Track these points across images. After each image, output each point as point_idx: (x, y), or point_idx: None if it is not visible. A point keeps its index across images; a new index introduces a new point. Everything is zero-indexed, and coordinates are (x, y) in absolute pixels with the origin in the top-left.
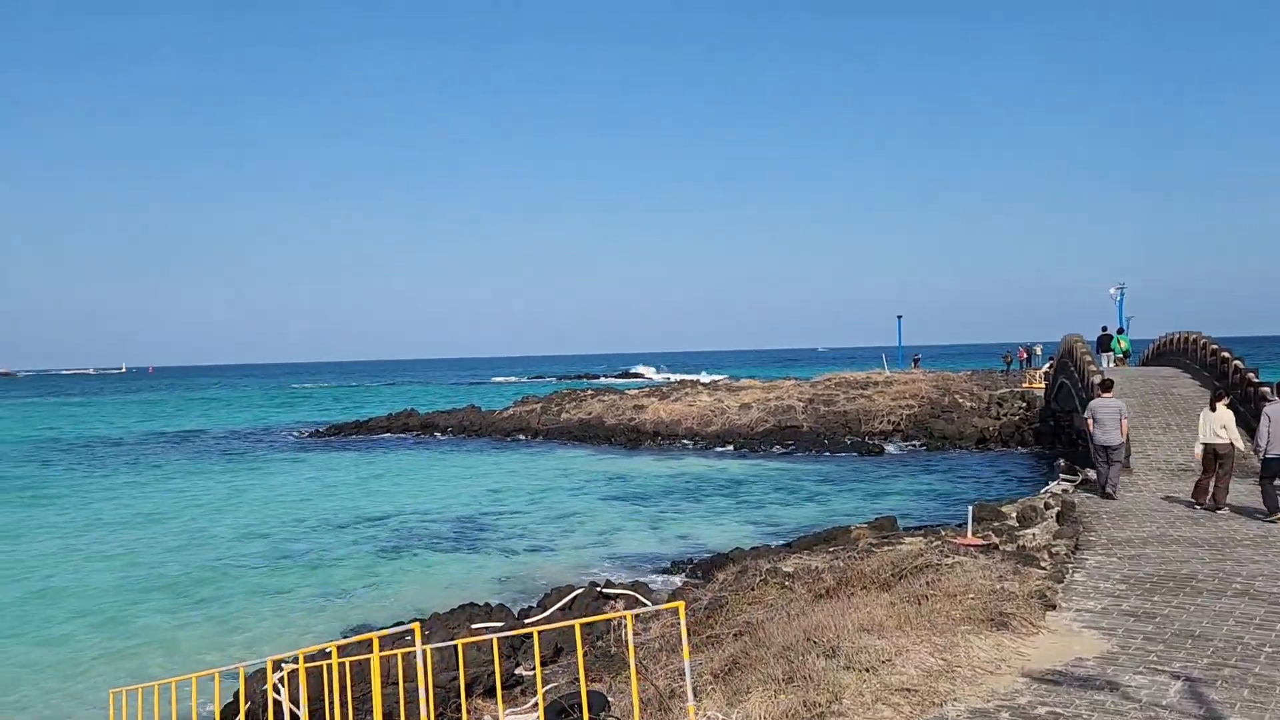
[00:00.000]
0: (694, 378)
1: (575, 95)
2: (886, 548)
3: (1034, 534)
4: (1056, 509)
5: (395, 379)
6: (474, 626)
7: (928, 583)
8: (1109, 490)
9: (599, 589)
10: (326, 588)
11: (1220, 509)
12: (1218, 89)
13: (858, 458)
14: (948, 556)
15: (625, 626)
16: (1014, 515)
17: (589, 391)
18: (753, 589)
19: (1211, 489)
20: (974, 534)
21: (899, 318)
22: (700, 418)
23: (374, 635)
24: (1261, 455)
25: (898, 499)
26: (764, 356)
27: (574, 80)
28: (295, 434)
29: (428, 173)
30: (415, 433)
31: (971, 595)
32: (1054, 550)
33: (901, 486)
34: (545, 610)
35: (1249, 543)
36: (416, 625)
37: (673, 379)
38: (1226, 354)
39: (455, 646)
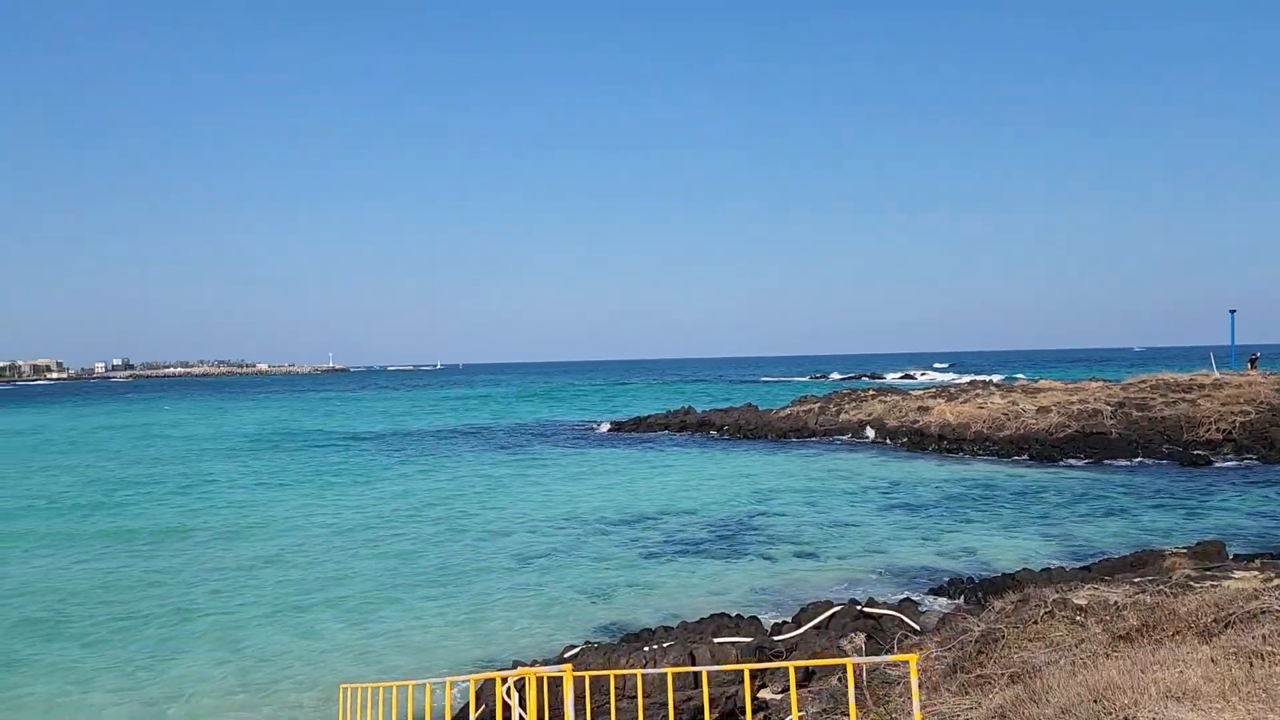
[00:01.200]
0: (985, 378)
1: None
2: (1209, 583)
3: None
4: None
5: (672, 376)
6: (717, 641)
7: (1264, 636)
8: None
9: (860, 607)
10: (583, 587)
11: None
12: None
13: (1176, 470)
14: None
15: (848, 677)
16: None
17: (870, 391)
18: (1035, 622)
19: None
20: None
21: (1232, 312)
22: (991, 421)
23: (529, 671)
24: None
25: (1225, 520)
26: (1067, 356)
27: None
28: (576, 430)
29: (689, 180)
30: (691, 431)
31: None
32: None
33: (1231, 505)
34: (799, 627)
35: None
36: (568, 669)
37: (960, 380)
38: None
39: (693, 663)
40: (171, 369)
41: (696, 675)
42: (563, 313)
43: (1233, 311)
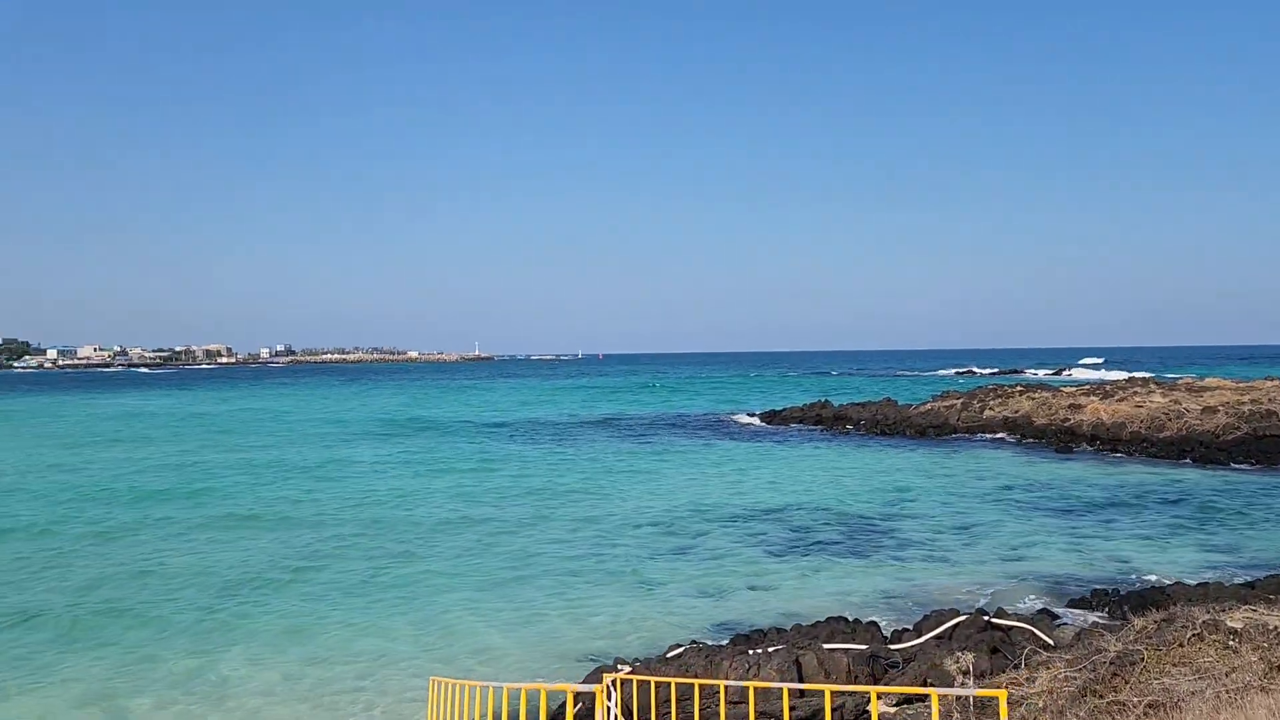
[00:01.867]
0: (1143, 375)
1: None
2: None
3: None
4: None
5: (820, 368)
6: (828, 647)
7: None
8: None
9: (987, 618)
10: (702, 583)
11: None
12: None
13: None
14: None
15: (932, 707)
16: None
17: (1017, 387)
18: (1181, 645)
19: None
20: None
21: None
22: (1150, 421)
23: (569, 687)
24: None
25: None
26: (1238, 353)
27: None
28: (709, 421)
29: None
30: (826, 425)
31: None
32: None
33: None
34: (920, 636)
35: None
36: (599, 689)
37: (1115, 377)
38: None
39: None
40: (328, 355)
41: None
42: (721, 303)
43: None
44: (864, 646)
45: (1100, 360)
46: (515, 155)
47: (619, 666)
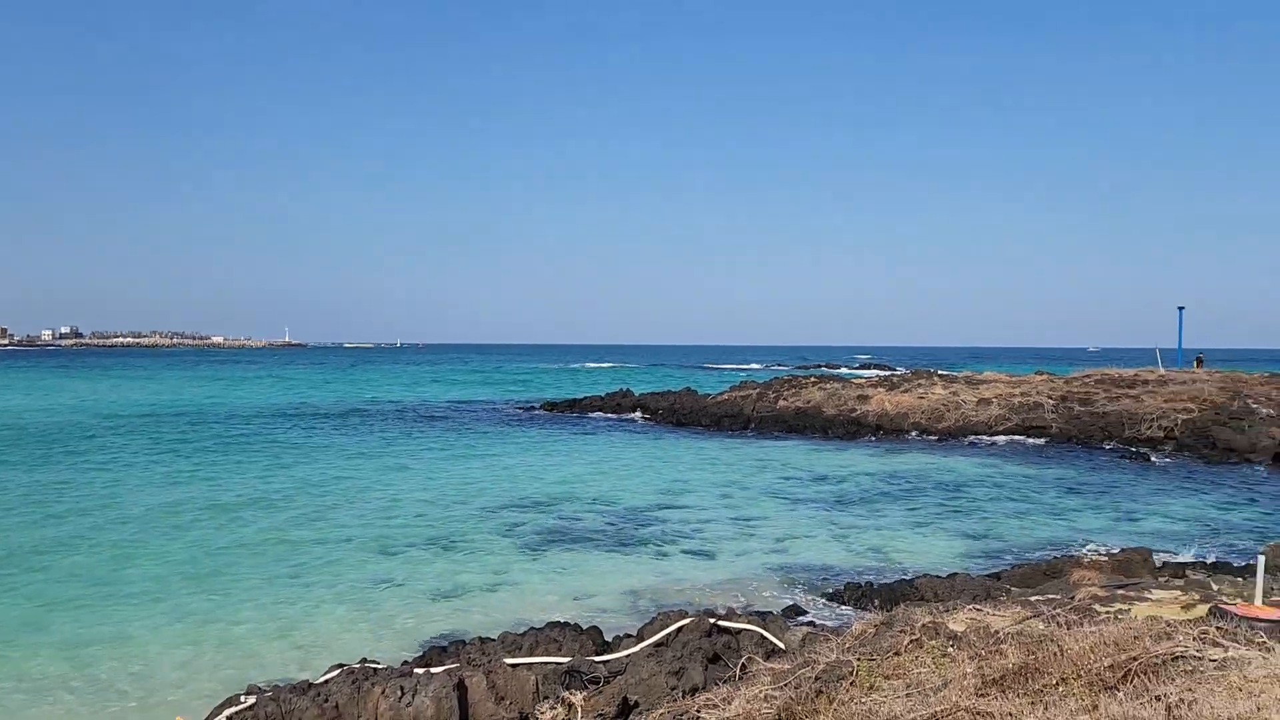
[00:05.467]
0: (929, 369)
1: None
2: (1118, 606)
3: None
4: None
5: (655, 361)
6: (514, 664)
7: (1170, 707)
8: None
9: (714, 620)
10: (440, 584)
11: None
12: None
13: (1115, 467)
14: (1219, 642)
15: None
16: None
17: (811, 379)
18: (897, 653)
19: None
20: (1266, 599)
21: (1180, 309)
22: (931, 412)
23: None
24: None
25: (1159, 524)
26: (1023, 354)
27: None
28: (507, 409)
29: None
30: (625, 413)
31: None
32: None
33: (1167, 507)
34: (640, 642)
35: None
36: None
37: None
38: None
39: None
40: (121, 339)
41: (510, 684)
42: (539, 295)
43: (1181, 308)
44: (564, 660)
45: (867, 357)
46: (332, 134)
47: (245, 697)
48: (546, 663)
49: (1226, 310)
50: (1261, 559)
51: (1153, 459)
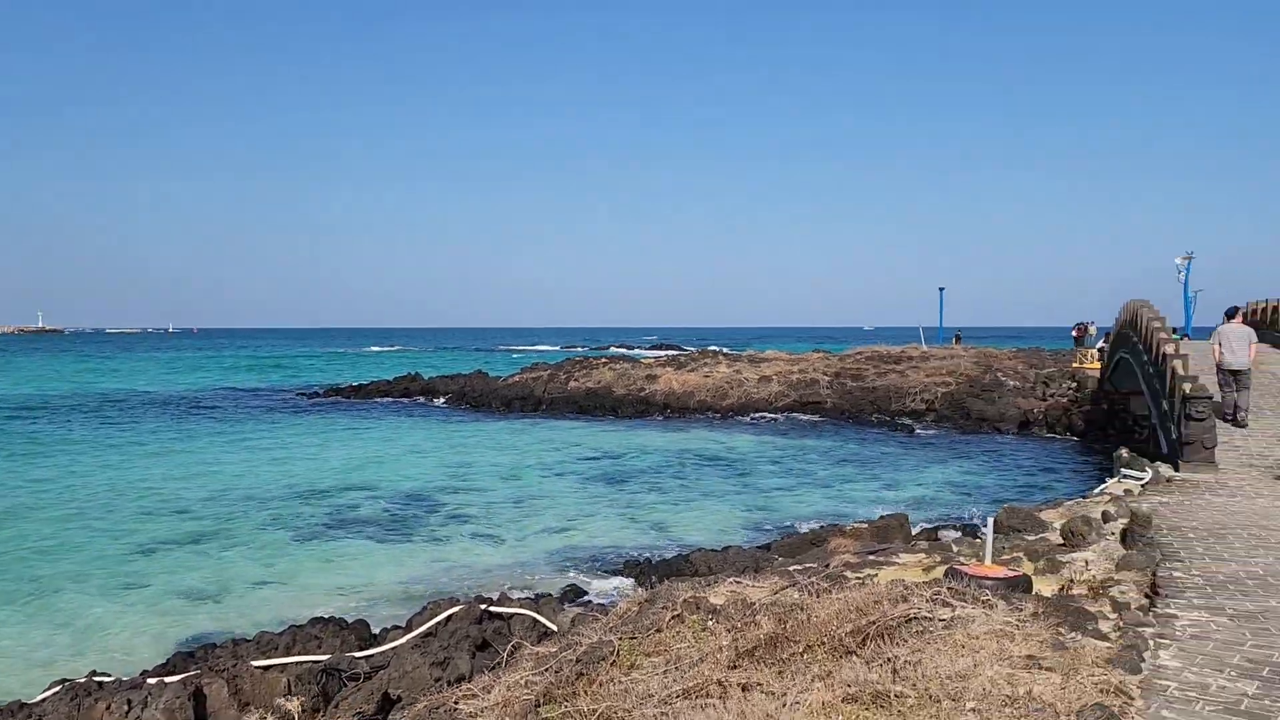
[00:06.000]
0: (715, 348)
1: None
2: (869, 570)
3: (1086, 560)
4: (1121, 521)
5: (437, 345)
6: (262, 666)
7: (895, 670)
8: (1239, 418)
9: (486, 606)
10: (200, 584)
11: None
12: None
13: (884, 438)
14: (948, 602)
15: None
16: (1057, 527)
17: (602, 360)
18: (659, 630)
19: None
20: (994, 559)
21: (940, 289)
22: (715, 390)
23: None
24: None
25: (918, 491)
26: (806, 334)
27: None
28: (286, 396)
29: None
30: (413, 398)
31: (973, 703)
32: (1120, 595)
33: (927, 474)
34: (408, 633)
35: None
36: None
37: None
38: None
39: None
40: None
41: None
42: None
43: (941, 289)
44: (322, 658)
45: (654, 338)
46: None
47: None
48: (301, 662)
49: (981, 290)
50: (991, 521)
51: (916, 430)
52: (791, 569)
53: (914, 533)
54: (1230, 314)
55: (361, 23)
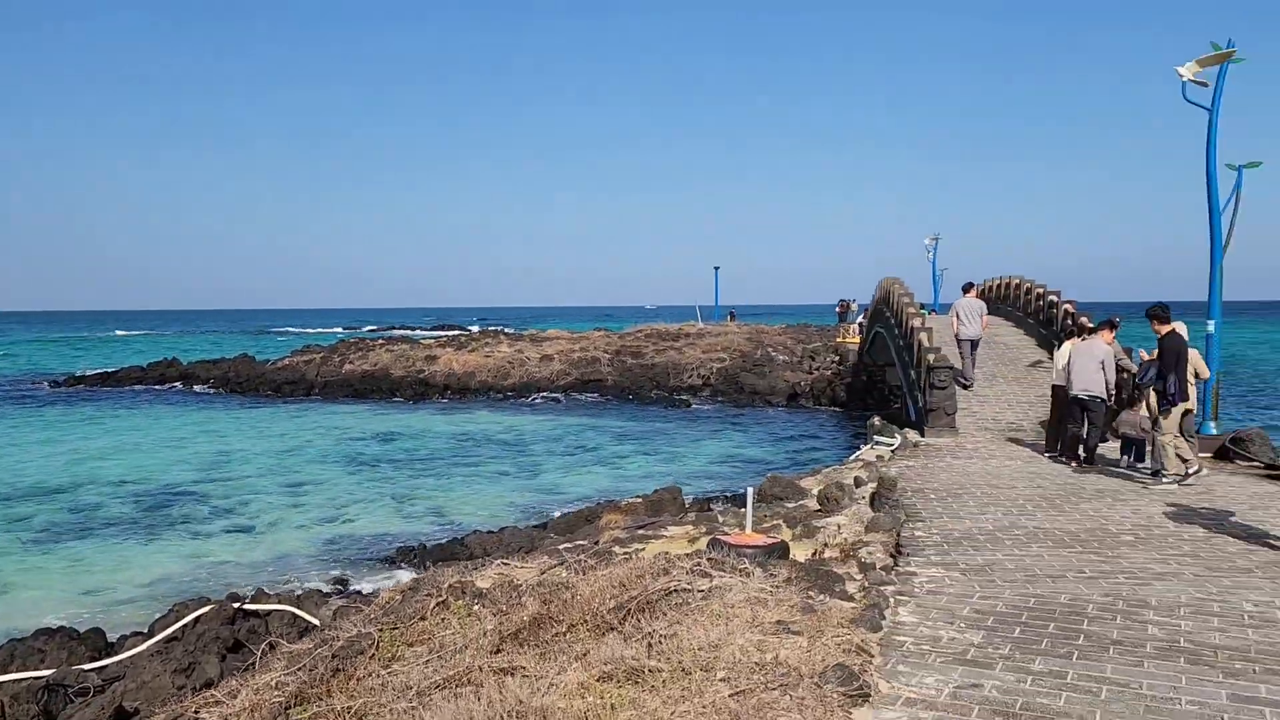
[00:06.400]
0: (497, 328)
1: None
2: (637, 545)
3: (839, 525)
4: (871, 485)
5: (205, 328)
6: None
7: (650, 645)
8: (969, 384)
9: (239, 605)
10: None
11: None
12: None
13: (663, 413)
14: (708, 572)
15: None
16: (815, 493)
17: (378, 341)
18: (423, 618)
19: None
20: (755, 527)
21: (716, 269)
22: (497, 370)
23: None
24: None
25: (697, 462)
26: (588, 313)
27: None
28: (20, 385)
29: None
30: (171, 384)
31: (723, 672)
32: (867, 556)
33: (703, 448)
34: (150, 639)
35: (1129, 534)
36: None
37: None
38: (1055, 297)
39: None
40: None
41: None
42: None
43: (717, 268)
44: (45, 673)
45: (432, 320)
46: None
47: None
48: (19, 680)
49: (753, 269)
50: (751, 490)
51: (693, 405)
52: (562, 547)
53: (686, 505)
54: (966, 288)
55: None
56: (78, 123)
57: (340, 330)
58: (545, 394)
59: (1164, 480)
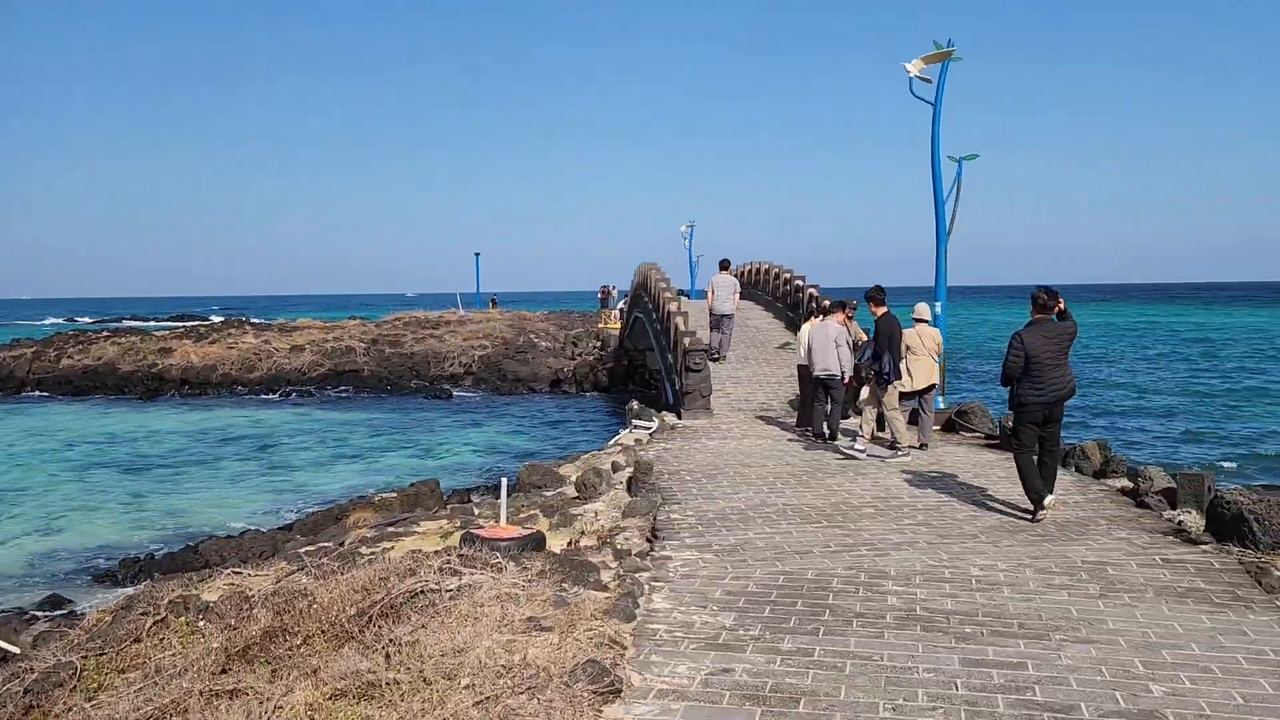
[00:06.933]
0: (240, 317)
1: None
2: (386, 543)
3: (596, 511)
4: (628, 470)
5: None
6: None
7: (389, 654)
8: (720, 355)
9: None
10: None
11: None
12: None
13: (423, 404)
14: (458, 570)
15: None
16: (573, 480)
17: (104, 333)
18: (138, 639)
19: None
20: (512, 518)
21: (477, 255)
22: (241, 362)
23: None
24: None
25: (459, 454)
26: (343, 301)
27: None
28: None
29: None
30: None
31: (468, 678)
32: (623, 543)
33: (465, 437)
34: None
35: (870, 505)
36: None
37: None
38: (801, 282)
39: None
40: None
41: None
42: None
43: (477, 254)
44: None
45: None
46: None
47: None
48: None
49: (516, 255)
50: (505, 480)
51: (455, 394)
52: (303, 551)
53: (446, 498)
54: (723, 265)
55: None
56: None
57: (55, 321)
58: (296, 386)
59: (899, 454)
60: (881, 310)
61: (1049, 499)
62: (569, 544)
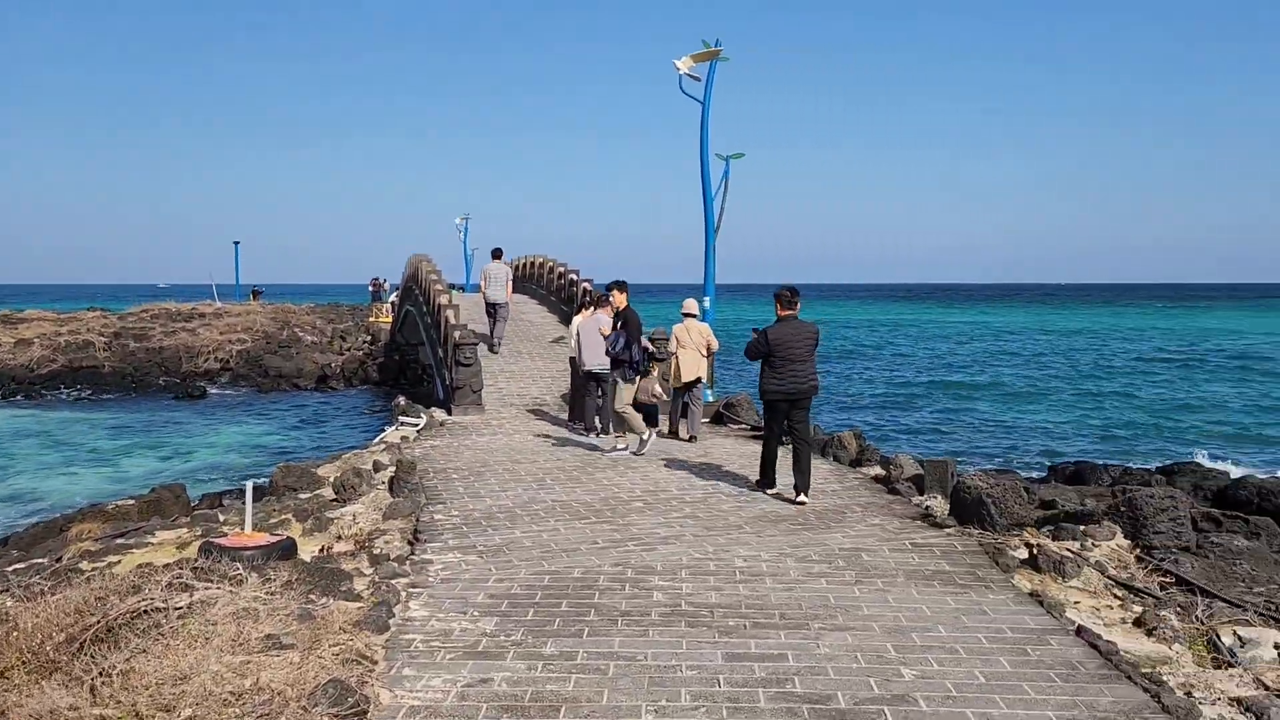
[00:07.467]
0: None
1: None
2: (114, 557)
3: (355, 514)
4: (391, 470)
5: None
6: None
7: (120, 669)
8: (494, 347)
9: None
10: None
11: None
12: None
13: (174, 402)
14: (190, 584)
15: None
16: (331, 481)
17: None
18: None
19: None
20: (262, 524)
21: (236, 244)
22: None
23: None
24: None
25: (214, 455)
26: (84, 291)
27: None
28: None
29: None
30: None
31: (190, 709)
32: (382, 547)
33: (221, 438)
34: None
35: (639, 499)
36: None
37: None
38: (574, 275)
39: None
40: None
41: None
42: None
43: (236, 243)
44: None
45: None
46: None
47: None
48: None
49: (281, 246)
50: (250, 484)
51: (211, 392)
52: (10, 569)
53: (193, 504)
54: (495, 254)
55: None
56: None
57: None
58: (21, 386)
59: (645, 442)
60: (623, 299)
61: (802, 496)
62: (321, 550)
